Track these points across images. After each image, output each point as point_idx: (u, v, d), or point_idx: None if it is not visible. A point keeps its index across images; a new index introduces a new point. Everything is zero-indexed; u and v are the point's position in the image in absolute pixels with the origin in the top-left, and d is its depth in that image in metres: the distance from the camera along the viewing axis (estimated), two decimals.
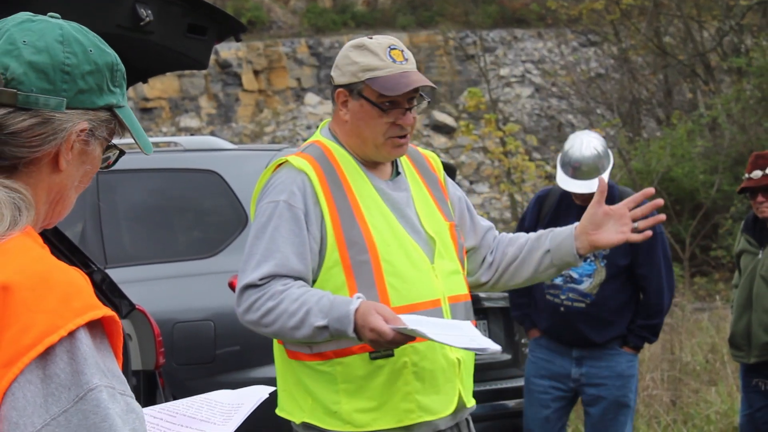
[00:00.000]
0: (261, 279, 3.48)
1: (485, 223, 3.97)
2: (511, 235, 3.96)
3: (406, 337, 3.34)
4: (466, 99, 26.70)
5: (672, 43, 23.30)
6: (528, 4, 36.84)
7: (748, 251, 6.54)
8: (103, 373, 1.69)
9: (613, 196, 5.76)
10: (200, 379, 5.78)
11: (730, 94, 20.25)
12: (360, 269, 3.51)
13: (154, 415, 2.14)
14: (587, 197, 5.75)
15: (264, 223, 3.53)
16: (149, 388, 5.18)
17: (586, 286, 6.00)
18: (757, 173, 6.33)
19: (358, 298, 3.43)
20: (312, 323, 3.40)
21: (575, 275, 5.98)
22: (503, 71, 39.09)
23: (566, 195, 6.08)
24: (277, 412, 3.64)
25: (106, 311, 1.72)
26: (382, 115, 3.60)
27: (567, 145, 6.07)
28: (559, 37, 32.24)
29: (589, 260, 5.98)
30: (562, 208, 6.05)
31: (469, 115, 32.10)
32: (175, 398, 5.50)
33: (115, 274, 5.33)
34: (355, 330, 3.36)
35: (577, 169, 5.94)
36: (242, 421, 2.17)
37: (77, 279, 1.73)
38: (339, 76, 3.65)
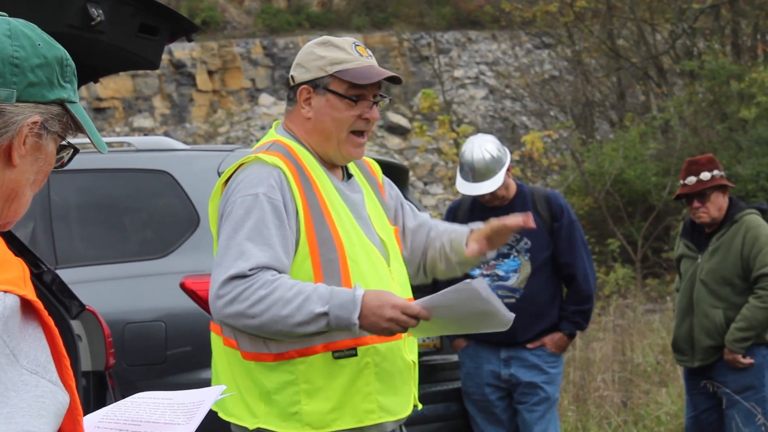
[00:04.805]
0: (251, 269, 3.38)
1: (412, 224, 3.98)
2: (432, 233, 3.99)
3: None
4: (420, 100, 26.71)
5: (625, 45, 23.41)
6: (482, 6, 36.95)
7: (687, 256, 6.61)
8: (11, 336, 1.63)
9: (524, 194, 6.03)
10: (151, 380, 5.76)
11: (683, 97, 20.38)
12: (328, 267, 3.50)
13: (119, 428, 2.13)
14: (488, 197, 6.06)
15: (243, 216, 3.44)
16: (99, 389, 5.14)
17: (513, 281, 6.11)
18: (691, 179, 6.40)
19: (359, 287, 3.42)
20: (311, 310, 3.34)
21: (501, 273, 6.10)
22: (457, 73, 39.13)
23: (476, 200, 6.19)
24: (224, 416, 3.59)
25: (31, 295, 1.67)
26: (350, 108, 3.60)
27: (462, 150, 6.16)
28: (513, 39, 32.34)
29: (512, 256, 6.10)
30: (476, 213, 6.05)
31: (423, 116, 32.15)
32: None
33: (66, 275, 5.28)
34: (359, 317, 3.35)
35: (474, 173, 6.05)
36: (203, 418, 2.18)
37: (16, 263, 1.71)
38: (303, 73, 3.64)
